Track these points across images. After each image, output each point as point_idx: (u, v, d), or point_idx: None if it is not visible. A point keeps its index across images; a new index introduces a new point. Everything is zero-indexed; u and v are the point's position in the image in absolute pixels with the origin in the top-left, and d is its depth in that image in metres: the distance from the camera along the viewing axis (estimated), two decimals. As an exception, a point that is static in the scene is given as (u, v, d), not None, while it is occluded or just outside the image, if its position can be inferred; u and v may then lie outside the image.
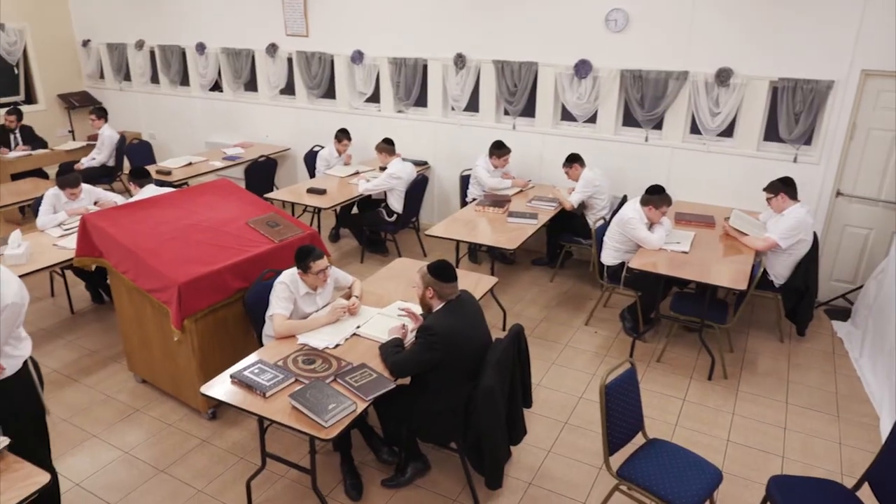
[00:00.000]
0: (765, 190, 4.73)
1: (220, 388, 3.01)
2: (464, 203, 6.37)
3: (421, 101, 6.93)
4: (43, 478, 2.44)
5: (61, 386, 4.30)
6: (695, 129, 5.63)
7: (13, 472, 2.45)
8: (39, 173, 7.44)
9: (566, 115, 6.23)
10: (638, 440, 3.05)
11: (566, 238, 5.83)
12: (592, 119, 6.05)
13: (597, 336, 4.97)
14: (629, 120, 5.95)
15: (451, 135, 6.80)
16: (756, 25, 5.08)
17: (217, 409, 3.98)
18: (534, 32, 5.99)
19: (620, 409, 2.92)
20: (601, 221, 5.13)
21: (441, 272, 3.07)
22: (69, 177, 5.24)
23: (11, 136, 7.51)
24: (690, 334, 4.87)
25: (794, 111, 5.09)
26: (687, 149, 5.67)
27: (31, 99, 9.18)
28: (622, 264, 4.81)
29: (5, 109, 7.52)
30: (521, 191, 6.07)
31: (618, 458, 2.93)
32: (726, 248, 4.72)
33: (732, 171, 5.53)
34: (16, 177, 7.17)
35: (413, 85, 6.80)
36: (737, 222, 4.89)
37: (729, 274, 4.26)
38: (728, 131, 5.52)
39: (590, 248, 5.39)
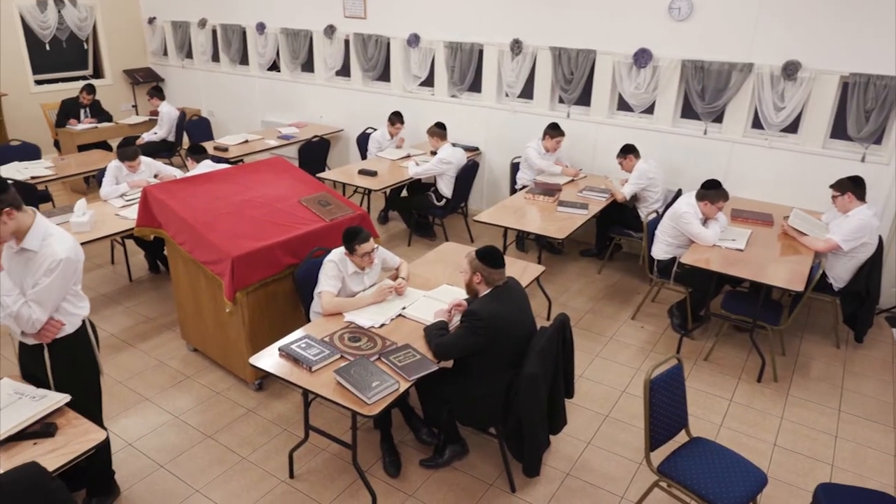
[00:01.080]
0: (831, 187, 4.55)
1: (268, 359, 3.09)
2: (513, 191, 6.33)
3: (475, 86, 6.89)
4: (99, 435, 2.56)
5: (118, 350, 4.48)
6: (757, 124, 5.45)
7: (73, 427, 2.58)
8: (104, 146, 7.72)
9: (622, 105, 6.11)
10: (680, 438, 3.00)
11: (616, 230, 5.74)
12: (650, 110, 5.91)
13: (643, 331, 4.89)
14: (688, 112, 5.79)
15: (504, 121, 6.76)
16: (828, 17, 4.86)
17: (263, 381, 4.08)
18: (593, 19, 5.87)
19: (664, 404, 2.87)
20: (654, 215, 5.03)
21: (490, 258, 3.07)
22: (128, 150, 5.42)
23: (82, 111, 7.82)
24: (741, 334, 4.74)
25: (864, 108, 4.86)
26: (748, 143, 5.49)
27: (98, 73, 9.53)
28: (673, 259, 4.70)
29: (81, 85, 7.83)
30: (573, 180, 6.00)
31: (659, 455, 2.89)
32: (784, 248, 4.57)
33: (795, 168, 5.33)
34: (82, 148, 7.46)
35: (468, 70, 6.78)
36: (797, 222, 4.72)
37: (785, 274, 4.13)
38: (792, 127, 5.32)
39: (640, 242, 5.30)
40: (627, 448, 3.65)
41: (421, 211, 6.41)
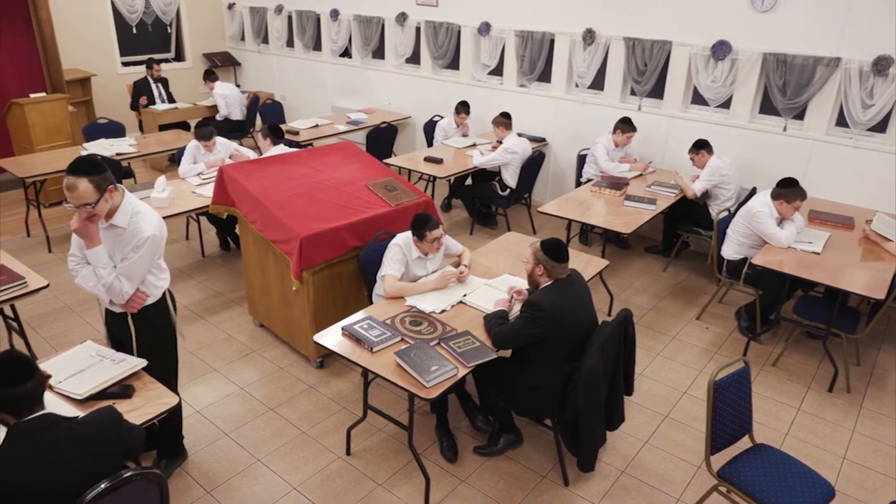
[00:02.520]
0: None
1: (331, 338, 3.18)
2: (578, 183, 6.24)
3: (544, 76, 6.82)
4: (172, 399, 2.70)
5: (190, 321, 4.69)
6: (841, 122, 5.18)
7: (148, 390, 2.73)
8: (184, 126, 8.05)
9: (697, 99, 5.92)
10: (743, 444, 2.91)
11: (685, 227, 5.58)
12: (726, 104, 5.71)
13: (708, 332, 4.76)
14: (767, 107, 5.56)
15: (573, 112, 6.66)
16: (929, 10, 4.56)
17: (325, 359, 4.20)
18: (670, 9, 5.70)
19: (728, 408, 2.80)
20: (725, 213, 4.87)
21: (554, 251, 3.05)
22: (204, 130, 5.63)
23: (153, 87, 8.16)
24: (813, 341, 4.55)
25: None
26: (830, 142, 5.22)
27: (179, 56, 9.91)
28: (744, 260, 4.55)
29: (146, 63, 8.18)
30: (641, 175, 5.86)
31: (719, 459, 2.82)
32: (865, 253, 4.35)
33: (882, 170, 5.04)
34: (163, 128, 7.81)
35: (538, 59, 6.70)
36: (880, 226, 4.48)
37: (865, 281, 3.93)
38: (880, 126, 5.03)
39: (709, 240, 5.14)
40: (686, 450, 3.57)
41: (484, 200, 6.41)
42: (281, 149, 5.42)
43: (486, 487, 3.27)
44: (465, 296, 3.55)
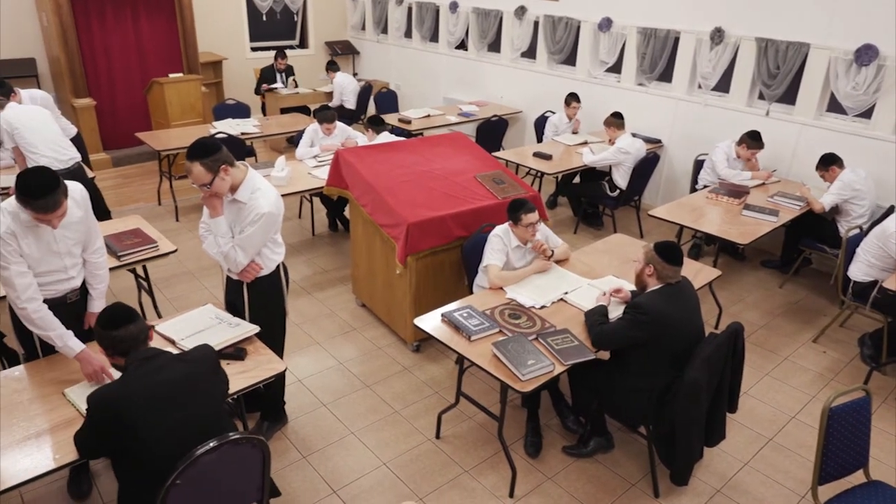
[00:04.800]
0: None
1: (431, 322, 3.24)
2: (693, 190, 5.98)
3: (665, 75, 6.57)
4: (280, 365, 2.86)
5: (297, 295, 4.92)
6: None
7: (259, 355, 2.90)
8: (304, 110, 8.43)
9: (833, 106, 5.50)
10: (855, 478, 2.70)
11: (808, 243, 5.21)
12: (866, 114, 5.27)
13: (825, 356, 4.43)
14: (915, 119, 5.09)
15: (693, 114, 6.38)
16: None
17: (421, 344, 4.28)
18: (811, 9, 5.31)
19: (843, 438, 2.60)
20: (856, 230, 4.50)
21: (668, 252, 2.95)
22: (326, 113, 5.87)
23: (277, 75, 8.61)
24: (948, 378, 4.15)
25: None
26: None
27: (303, 44, 10.37)
28: (874, 283, 4.19)
29: (275, 52, 8.62)
30: (763, 184, 5.53)
31: (827, 491, 2.63)
32: None
33: None
34: (284, 111, 8.22)
35: (660, 57, 6.47)
36: None
37: None
38: None
39: (835, 259, 4.78)
40: (789, 477, 3.36)
41: (591, 200, 6.28)
42: (385, 136, 5.57)
43: (573, 488, 3.23)
44: (566, 293, 3.51)
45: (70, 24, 6.96)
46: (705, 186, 5.64)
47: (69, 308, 2.87)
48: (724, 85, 6.14)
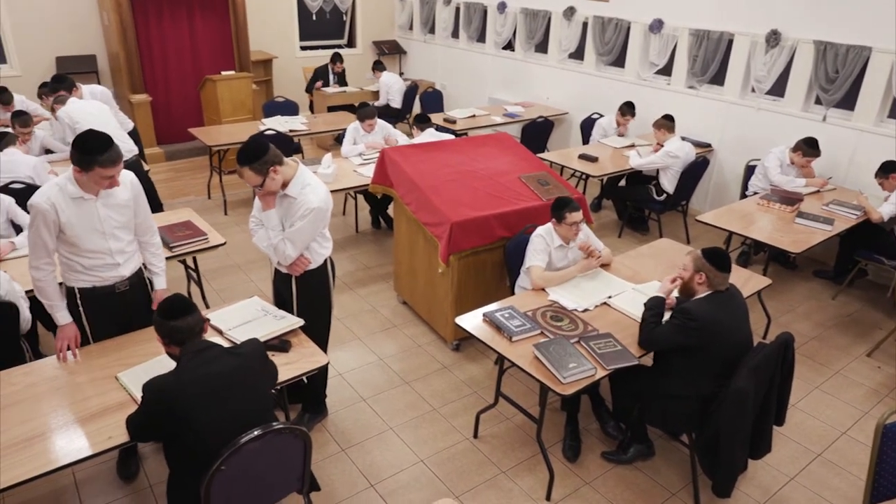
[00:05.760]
0: None
1: (472, 322, 3.24)
2: (743, 196, 5.83)
3: (717, 78, 6.43)
4: (323, 359, 2.90)
5: (340, 291, 4.96)
6: None
7: (303, 347, 2.95)
8: (351, 108, 8.52)
9: (895, 112, 5.29)
10: (912, 499, 2.60)
11: (864, 254, 5.02)
12: (931, 121, 5.06)
13: (880, 372, 4.27)
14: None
15: (745, 119, 6.23)
16: None
17: (461, 343, 4.29)
18: (874, 10, 5.12)
19: (898, 457, 2.50)
20: (916, 242, 4.33)
21: (717, 259, 2.89)
22: (367, 109, 5.93)
23: (331, 77, 8.72)
24: None
25: None
26: None
27: (351, 43, 10.50)
28: (934, 296, 4.03)
29: (333, 52, 8.74)
30: (818, 191, 5.36)
31: (880, 511, 2.54)
32: None
33: None
34: (331, 109, 8.33)
35: (712, 60, 6.33)
36: None
37: None
38: None
39: (893, 271, 4.60)
40: (838, 495, 3.24)
41: (637, 203, 6.18)
42: (430, 134, 5.60)
43: (611, 494, 3.19)
44: (610, 297, 3.46)
45: (129, 23, 7.21)
46: (756, 193, 5.49)
47: (119, 298, 2.96)
48: (778, 89, 5.97)
